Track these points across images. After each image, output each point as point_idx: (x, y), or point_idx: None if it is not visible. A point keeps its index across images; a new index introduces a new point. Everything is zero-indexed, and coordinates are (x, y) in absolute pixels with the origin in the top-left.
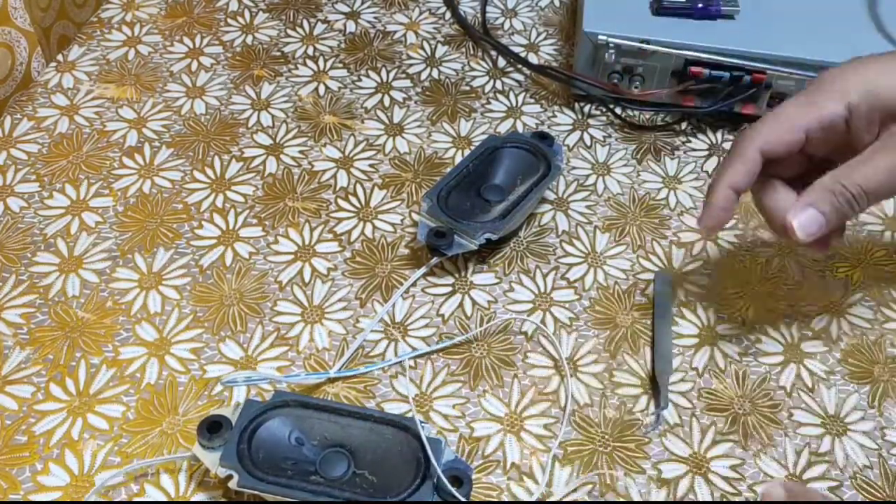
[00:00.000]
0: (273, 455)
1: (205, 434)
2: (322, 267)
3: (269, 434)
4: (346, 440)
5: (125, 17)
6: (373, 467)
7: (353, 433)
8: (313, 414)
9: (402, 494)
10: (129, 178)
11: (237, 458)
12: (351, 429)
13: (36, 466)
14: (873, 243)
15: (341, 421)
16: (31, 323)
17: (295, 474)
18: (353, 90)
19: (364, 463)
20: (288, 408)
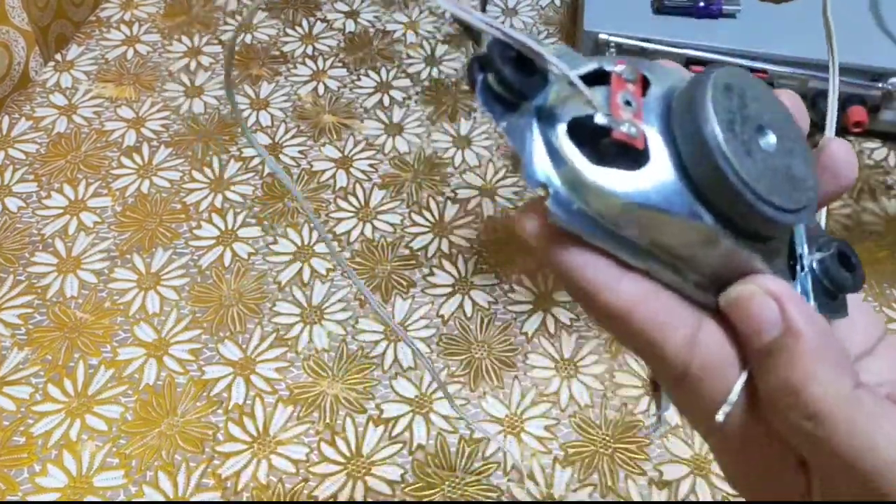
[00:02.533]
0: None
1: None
2: (321, 267)
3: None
4: None
5: (124, 17)
6: None
7: None
8: None
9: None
10: (127, 177)
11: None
12: None
13: (34, 468)
14: (874, 243)
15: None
16: (28, 323)
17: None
18: (353, 90)
19: None
20: None
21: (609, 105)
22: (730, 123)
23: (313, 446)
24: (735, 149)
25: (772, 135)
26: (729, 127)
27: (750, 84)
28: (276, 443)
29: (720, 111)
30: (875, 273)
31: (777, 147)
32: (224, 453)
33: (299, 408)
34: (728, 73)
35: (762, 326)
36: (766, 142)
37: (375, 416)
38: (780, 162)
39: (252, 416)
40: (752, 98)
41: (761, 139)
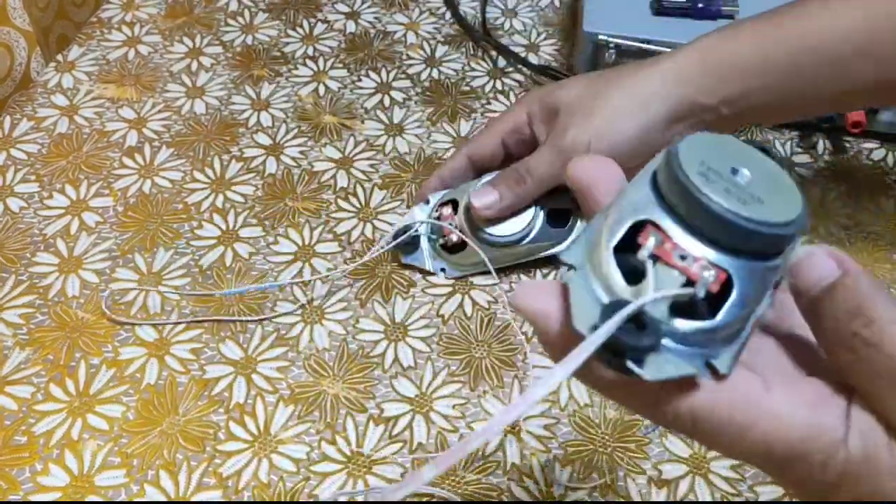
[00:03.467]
0: None
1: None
2: (322, 267)
3: None
4: None
5: (125, 17)
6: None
7: None
8: None
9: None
10: (129, 178)
11: None
12: None
13: (36, 467)
14: (874, 244)
15: None
16: (30, 323)
17: None
18: (353, 90)
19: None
20: None
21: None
22: (704, 174)
23: (314, 445)
24: (715, 190)
25: (745, 171)
26: (704, 176)
27: (714, 140)
28: (277, 442)
29: (693, 169)
30: (874, 273)
31: (753, 177)
32: (225, 452)
33: (300, 407)
34: (693, 140)
35: (824, 272)
36: (741, 177)
37: (376, 415)
38: (760, 188)
39: (253, 415)
40: (718, 150)
41: (737, 176)
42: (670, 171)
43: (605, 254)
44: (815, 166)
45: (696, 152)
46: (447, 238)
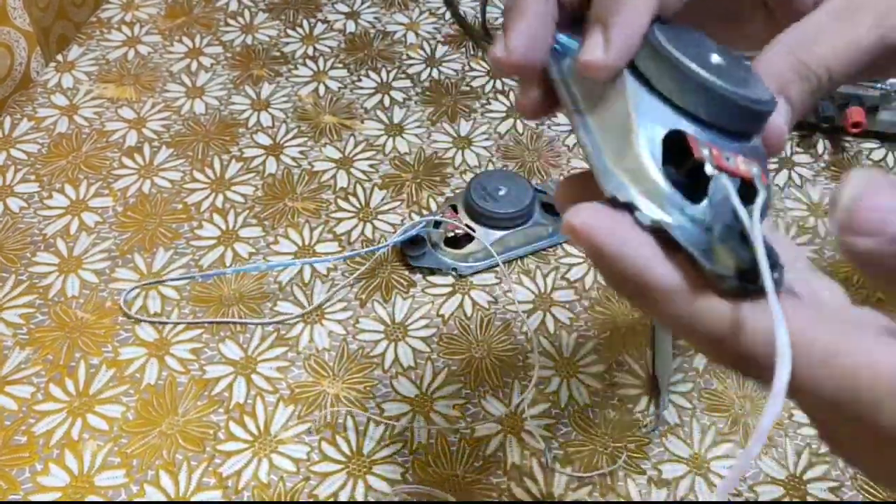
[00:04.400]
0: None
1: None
2: (322, 267)
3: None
4: None
5: (124, 17)
6: None
7: None
8: None
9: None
10: (128, 178)
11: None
12: None
13: (36, 467)
14: None
15: None
16: (30, 323)
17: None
18: (353, 90)
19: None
20: None
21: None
22: (699, 62)
23: (314, 445)
24: (719, 75)
25: (717, 55)
26: (700, 64)
27: (683, 30)
28: (277, 442)
29: (688, 58)
30: None
31: (727, 63)
32: (225, 452)
33: (300, 407)
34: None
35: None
36: (720, 62)
37: (376, 415)
38: (736, 70)
39: (253, 415)
40: (684, 38)
41: (716, 62)
42: (672, 65)
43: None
44: (815, 166)
45: (673, 42)
46: (455, 232)
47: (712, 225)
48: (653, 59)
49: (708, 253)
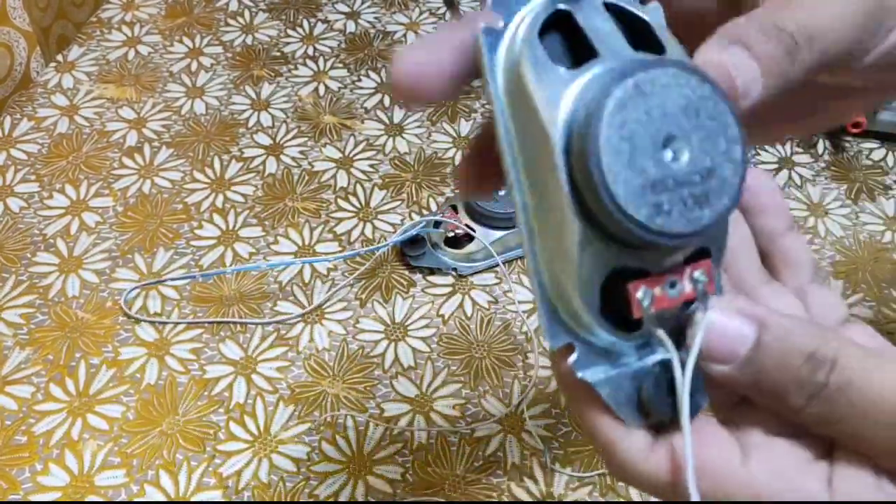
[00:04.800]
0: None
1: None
2: (322, 267)
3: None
4: None
5: (125, 18)
6: None
7: None
8: None
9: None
10: (128, 178)
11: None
12: None
13: (36, 467)
14: (873, 243)
15: None
16: (30, 323)
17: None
18: (353, 90)
19: None
20: None
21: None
22: (620, 140)
23: (314, 445)
24: (615, 169)
25: (679, 146)
26: (619, 142)
27: (671, 89)
28: (278, 442)
29: (614, 129)
30: (873, 274)
31: (687, 159)
32: (225, 452)
33: (300, 407)
34: (645, 80)
35: (737, 342)
36: (670, 155)
37: (376, 415)
38: (683, 176)
39: (253, 415)
40: (667, 106)
41: (665, 153)
42: (590, 178)
43: (597, 335)
44: (816, 166)
45: (633, 107)
46: (455, 232)
47: (642, 382)
48: (576, 159)
49: (635, 407)
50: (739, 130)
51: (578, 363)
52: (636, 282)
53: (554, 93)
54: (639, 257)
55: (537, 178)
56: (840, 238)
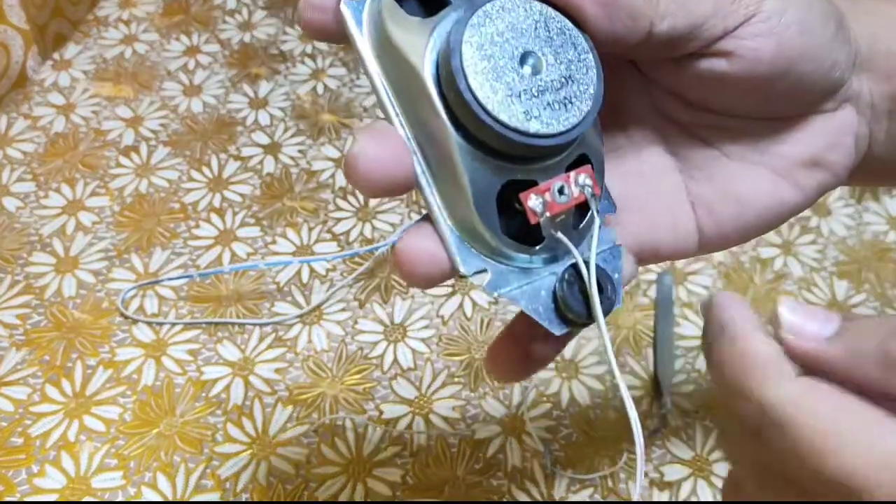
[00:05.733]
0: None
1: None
2: (320, 267)
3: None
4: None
5: (121, 15)
6: None
7: None
8: None
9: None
10: (125, 177)
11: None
12: None
13: (32, 469)
14: (877, 243)
15: None
16: (26, 324)
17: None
18: (352, 89)
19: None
20: None
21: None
22: (481, 59)
23: (313, 447)
24: (482, 84)
25: (535, 60)
26: (481, 61)
27: (518, 12)
28: (276, 444)
29: (473, 50)
30: (877, 274)
31: (545, 70)
32: (223, 454)
33: (299, 408)
34: (493, 7)
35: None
36: (528, 70)
37: (375, 417)
38: (545, 84)
39: (251, 416)
40: (517, 27)
41: (524, 67)
42: (461, 97)
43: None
44: None
45: (479, 48)
46: None
47: (558, 289)
48: (446, 86)
49: (554, 313)
50: (587, 41)
51: (491, 284)
52: (527, 192)
53: (417, 39)
54: (524, 171)
55: (419, 120)
56: (843, 238)
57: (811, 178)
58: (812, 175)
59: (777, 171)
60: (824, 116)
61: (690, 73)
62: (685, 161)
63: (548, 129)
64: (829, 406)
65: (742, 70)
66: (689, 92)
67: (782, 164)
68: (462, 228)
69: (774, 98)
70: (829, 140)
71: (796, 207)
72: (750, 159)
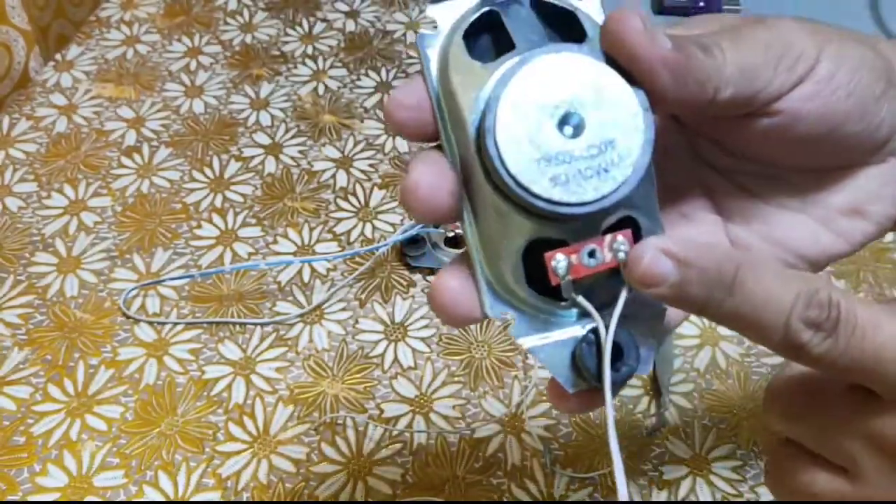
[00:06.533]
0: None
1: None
2: (321, 267)
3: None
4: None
5: (123, 17)
6: None
7: None
8: None
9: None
10: (127, 177)
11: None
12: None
13: (34, 467)
14: (875, 243)
15: None
16: (29, 323)
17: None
18: (353, 90)
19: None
20: None
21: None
22: (516, 117)
23: (313, 446)
24: (511, 145)
25: (577, 122)
26: (515, 119)
27: (568, 69)
28: (277, 443)
29: (509, 107)
30: (875, 274)
31: (584, 134)
32: (224, 453)
33: (299, 408)
34: (543, 62)
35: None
36: (570, 131)
37: (376, 415)
38: (581, 149)
39: (252, 415)
40: (563, 85)
41: (563, 129)
42: (495, 167)
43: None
44: None
45: (513, 114)
46: (455, 232)
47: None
48: (481, 137)
49: (570, 371)
50: (642, 107)
51: (516, 330)
52: (553, 251)
53: (472, 85)
54: (557, 229)
55: (466, 162)
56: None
57: (853, 226)
58: (853, 224)
59: (818, 219)
60: (867, 168)
61: (734, 127)
62: (724, 205)
63: (572, 198)
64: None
65: (787, 128)
66: (731, 144)
67: (824, 212)
68: (492, 272)
69: (818, 154)
70: (872, 191)
71: (838, 254)
72: (790, 206)
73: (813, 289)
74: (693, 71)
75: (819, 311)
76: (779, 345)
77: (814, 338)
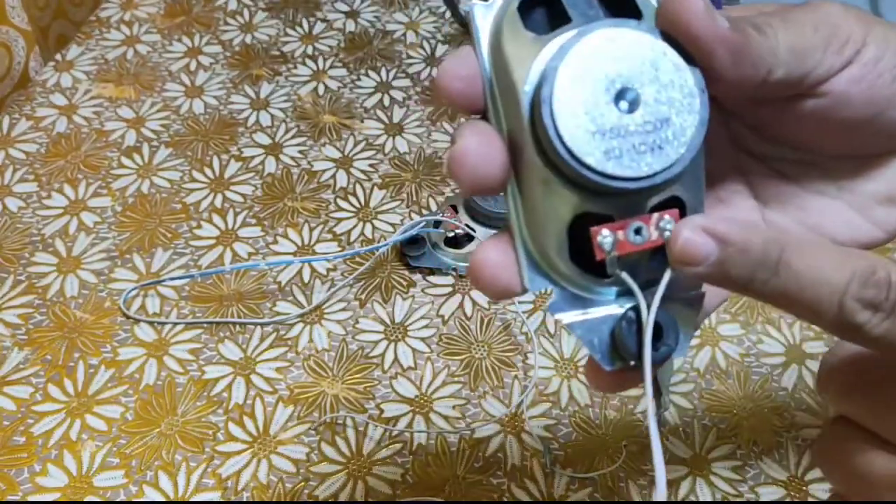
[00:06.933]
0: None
1: None
2: (321, 267)
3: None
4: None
5: (123, 17)
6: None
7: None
8: None
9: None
10: (127, 177)
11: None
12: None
13: (34, 467)
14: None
15: None
16: (29, 323)
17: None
18: (353, 90)
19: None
20: None
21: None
22: (573, 89)
23: (313, 446)
24: (566, 116)
25: (633, 97)
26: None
27: (627, 45)
28: (277, 442)
29: (567, 79)
30: None
31: (641, 109)
32: (224, 453)
33: (299, 407)
34: (603, 37)
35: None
36: (625, 106)
37: (376, 415)
38: (637, 125)
39: (252, 415)
40: (622, 60)
41: (619, 103)
42: (544, 129)
43: (571, 280)
44: None
45: (570, 86)
46: (455, 232)
47: (617, 326)
48: (535, 107)
49: (607, 349)
50: (698, 86)
51: (554, 305)
52: (599, 226)
53: (526, 56)
54: (605, 204)
55: (512, 130)
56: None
57: (888, 215)
58: (889, 212)
59: (854, 207)
60: None
61: (778, 110)
62: (761, 190)
63: (625, 172)
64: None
65: (832, 111)
66: (773, 128)
67: (860, 199)
68: (535, 246)
69: (859, 139)
70: None
71: (873, 242)
72: (827, 193)
73: (870, 268)
74: (751, 51)
75: (877, 291)
76: (831, 324)
77: (872, 318)
